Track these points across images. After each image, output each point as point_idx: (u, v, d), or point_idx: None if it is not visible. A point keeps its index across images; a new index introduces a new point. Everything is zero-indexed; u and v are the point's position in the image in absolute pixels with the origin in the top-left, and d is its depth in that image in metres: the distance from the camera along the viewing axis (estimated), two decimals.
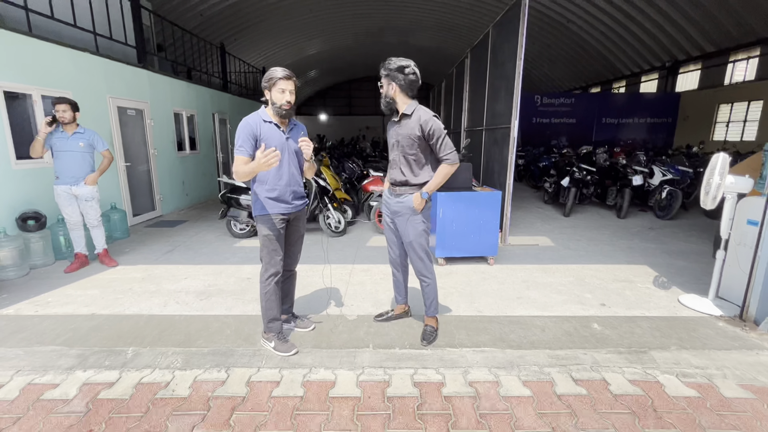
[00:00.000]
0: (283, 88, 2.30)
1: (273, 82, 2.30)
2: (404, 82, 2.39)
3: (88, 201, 4.11)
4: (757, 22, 9.88)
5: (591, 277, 3.90)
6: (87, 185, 4.06)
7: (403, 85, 2.40)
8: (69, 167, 3.95)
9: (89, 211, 4.14)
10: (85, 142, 4.02)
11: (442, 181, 2.49)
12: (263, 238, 2.45)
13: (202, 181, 8.69)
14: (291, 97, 2.34)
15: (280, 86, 2.30)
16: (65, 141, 3.90)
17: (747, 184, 3.03)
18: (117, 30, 6.56)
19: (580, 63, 16.64)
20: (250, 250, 4.87)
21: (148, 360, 2.45)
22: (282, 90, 2.30)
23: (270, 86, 2.31)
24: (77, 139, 3.97)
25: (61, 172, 3.95)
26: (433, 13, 15.05)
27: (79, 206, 4.09)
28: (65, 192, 3.99)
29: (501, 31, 5.25)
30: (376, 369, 2.37)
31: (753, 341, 2.67)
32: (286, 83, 2.31)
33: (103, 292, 3.57)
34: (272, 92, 2.32)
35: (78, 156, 3.98)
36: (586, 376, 2.29)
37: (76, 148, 3.97)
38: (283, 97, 2.31)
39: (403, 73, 2.37)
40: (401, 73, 2.37)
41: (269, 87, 2.32)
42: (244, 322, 2.96)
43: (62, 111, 3.83)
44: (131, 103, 6.29)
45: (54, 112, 3.83)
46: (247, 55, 15.91)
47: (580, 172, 6.93)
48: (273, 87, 2.31)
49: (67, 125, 3.90)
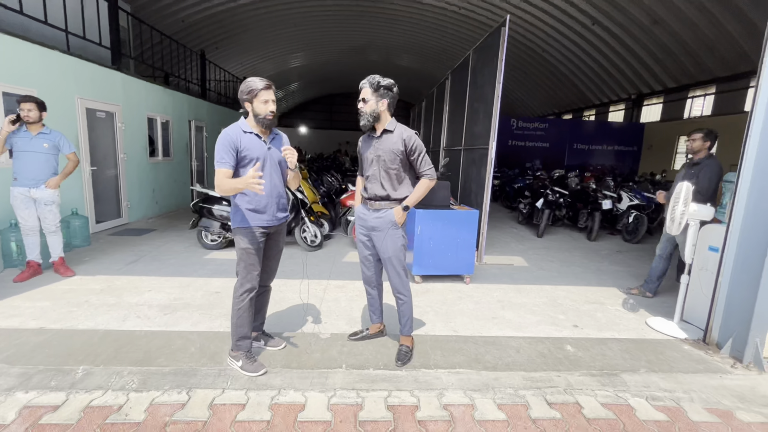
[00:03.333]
0: (266, 98, 2.27)
1: (255, 94, 2.25)
2: (392, 100, 2.47)
3: (48, 205, 3.86)
4: (713, 62, 10.71)
5: (564, 298, 3.97)
6: (48, 188, 3.83)
7: (390, 103, 2.47)
8: (30, 169, 3.73)
9: (48, 216, 3.89)
10: (50, 143, 3.82)
11: (423, 195, 2.55)
12: (241, 251, 2.35)
13: (174, 189, 8.38)
14: (273, 107, 2.31)
15: (263, 97, 2.26)
16: (28, 141, 3.69)
17: (709, 212, 3.19)
18: (93, 30, 6.34)
19: (553, 90, 17.44)
20: (221, 263, 4.68)
21: (100, 380, 2.25)
22: (265, 101, 2.27)
23: (252, 98, 2.27)
24: (42, 140, 3.76)
25: (21, 174, 3.71)
26: (416, 35, 15.48)
27: (37, 210, 3.84)
28: (23, 194, 3.74)
29: (481, 56, 5.42)
30: (348, 391, 2.27)
31: (716, 364, 2.75)
32: (268, 93, 2.28)
33: (56, 304, 3.31)
34: (254, 104, 2.27)
35: (41, 157, 3.77)
36: (560, 399, 2.28)
37: (40, 149, 3.76)
38: (266, 107, 2.28)
39: (392, 91, 2.46)
40: (390, 91, 2.45)
41: (251, 99, 2.27)
42: (210, 339, 2.80)
43: (27, 110, 3.63)
44: (102, 105, 6.04)
45: (18, 111, 3.61)
46: (229, 64, 15.76)
47: (554, 194, 7.15)
48: (255, 98, 2.26)
49: (31, 125, 3.70)
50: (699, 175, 3.40)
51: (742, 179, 2.80)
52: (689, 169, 3.55)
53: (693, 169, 3.49)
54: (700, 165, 3.46)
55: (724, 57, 10.31)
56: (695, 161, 3.54)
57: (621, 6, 10.09)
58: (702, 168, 3.43)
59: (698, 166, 3.47)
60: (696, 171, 3.44)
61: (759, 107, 2.70)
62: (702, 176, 3.39)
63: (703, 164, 3.45)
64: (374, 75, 2.46)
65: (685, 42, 10.51)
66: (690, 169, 3.55)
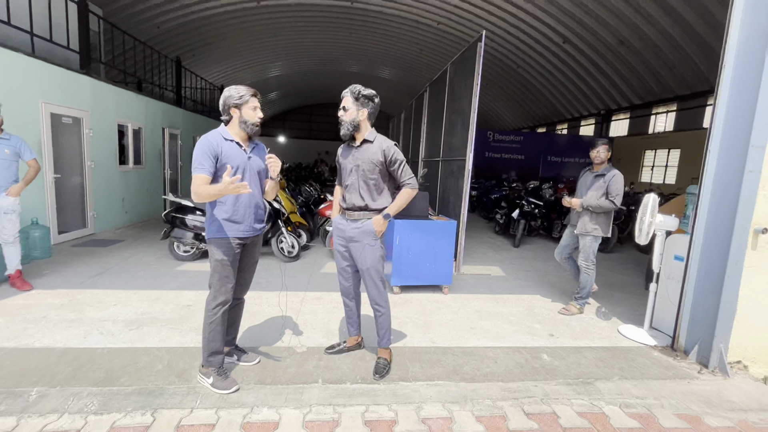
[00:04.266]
0: (255, 105, 2.28)
1: (245, 100, 2.24)
2: (373, 111, 2.47)
3: (8, 214, 3.67)
4: (674, 82, 11.38)
5: (540, 308, 4.03)
6: (9, 196, 3.64)
7: (371, 113, 2.47)
8: None
9: (6, 225, 3.68)
10: (11, 149, 3.64)
11: (405, 204, 2.54)
12: (216, 263, 2.27)
13: (145, 198, 8.08)
14: (261, 114, 2.31)
15: (252, 104, 2.26)
16: None
17: (674, 223, 3.33)
18: (61, 33, 6.10)
19: (528, 105, 18.05)
20: (194, 275, 4.51)
21: (56, 403, 2.10)
22: (254, 107, 2.27)
23: (242, 104, 2.24)
24: (2, 146, 3.59)
25: None
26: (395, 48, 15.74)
27: None
28: None
29: (458, 69, 5.54)
30: (324, 407, 2.20)
31: (684, 370, 2.84)
32: (256, 100, 2.28)
33: (10, 320, 3.09)
34: (243, 110, 2.25)
35: (2, 164, 3.59)
36: (538, 410, 2.29)
37: (1, 155, 3.58)
38: (255, 114, 2.28)
39: (373, 102, 2.46)
40: (372, 102, 2.45)
41: (241, 105, 2.24)
42: (179, 355, 2.67)
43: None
44: (68, 110, 5.79)
45: None
46: (206, 72, 15.51)
47: (529, 205, 7.32)
48: (245, 105, 2.25)
49: None
50: (609, 184, 3.60)
51: (704, 191, 2.94)
52: (596, 179, 3.73)
53: (600, 179, 3.68)
54: (607, 175, 3.65)
55: (683, 77, 10.97)
56: (600, 172, 3.72)
57: (589, 26, 10.61)
58: (611, 178, 3.62)
59: (605, 177, 3.66)
60: (605, 181, 3.63)
61: (716, 125, 2.86)
62: (612, 185, 3.59)
63: (610, 174, 3.65)
64: (356, 84, 2.46)
65: (649, 62, 11.14)
66: (597, 179, 3.72)
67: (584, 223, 3.70)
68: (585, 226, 3.69)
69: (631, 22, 9.77)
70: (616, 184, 3.59)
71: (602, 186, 3.64)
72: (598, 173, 3.74)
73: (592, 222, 3.68)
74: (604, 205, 3.59)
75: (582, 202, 3.69)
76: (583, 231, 3.70)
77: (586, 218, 3.70)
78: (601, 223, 3.68)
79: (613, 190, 3.58)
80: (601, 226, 3.68)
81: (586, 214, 3.70)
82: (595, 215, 3.67)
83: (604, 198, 3.60)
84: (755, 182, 2.64)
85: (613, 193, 3.58)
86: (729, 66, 2.78)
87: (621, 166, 14.34)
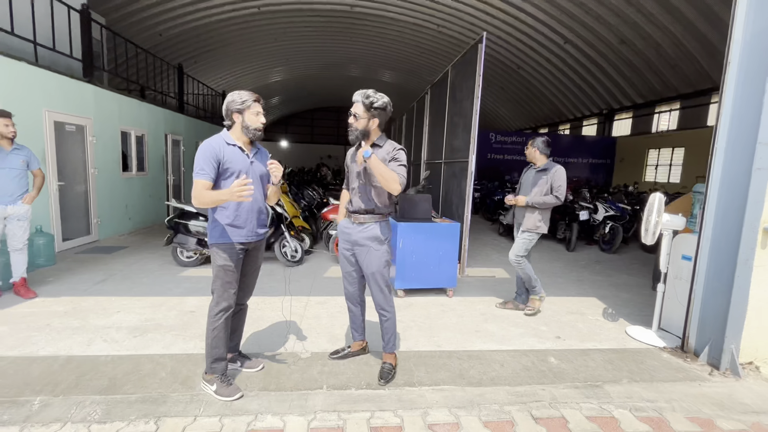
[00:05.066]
0: (257, 110, 2.27)
1: (248, 105, 2.23)
2: (384, 119, 2.45)
3: (21, 221, 3.73)
4: (677, 80, 11.31)
5: (546, 309, 3.98)
6: (24, 204, 3.72)
7: (382, 122, 2.45)
8: (5, 186, 3.61)
9: (17, 232, 3.73)
10: (25, 159, 3.73)
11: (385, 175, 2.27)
12: (219, 268, 2.26)
13: (148, 204, 8.10)
14: (264, 119, 2.30)
15: (255, 109, 2.26)
16: (3, 158, 3.58)
17: (680, 222, 3.29)
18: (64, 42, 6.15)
19: (530, 105, 18.00)
20: (197, 280, 4.50)
21: (58, 412, 2.08)
22: (257, 112, 2.26)
23: (245, 108, 2.24)
24: (17, 156, 3.67)
25: None
26: (396, 51, 15.77)
27: (6, 228, 3.68)
28: None
29: (459, 71, 5.53)
30: (329, 413, 2.17)
31: (695, 372, 2.79)
32: (259, 105, 2.28)
33: (14, 328, 3.09)
34: (246, 115, 2.24)
35: (17, 173, 3.67)
36: (546, 414, 2.25)
37: (17, 165, 3.66)
38: (258, 119, 2.27)
39: (385, 111, 2.43)
40: (384, 111, 2.42)
41: (243, 110, 2.23)
42: (182, 362, 2.66)
43: (11, 125, 3.57)
44: (71, 118, 5.82)
45: None
46: (208, 78, 15.60)
47: None
48: (248, 110, 2.24)
49: (3, 140, 3.58)
50: (553, 180, 3.60)
51: (711, 190, 2.90)
52: (538, 175, 3.71)
53: (543, 175, 3.67)
54: (550, 171, 3.65)
55: (686, 75, 10.91)
56: (542, 167, 3.71)
57: (590, 26, 10.58)
58: (553, 173, 3.62)
59: (548, 172, 3.66)
60: (548, 176, 3.63)
61: (722, 123, 2.82)
62: (555, 180, 3.60)
63: (552, 169, 3.65)
64: (367, 91, 2.36)
65: (651, 61, 11.09)
66: (539, 175, 3.70)
67: (533, 221, 3.66)
68: (533, 223, 3.66)
69: (632, 21, 9.73)
70: (558, 180, 3.59)
71: (546, 182, 3.63)
72: (540, 169, 3.72)
73: (538, 219, 3.65)
74: (549, 201, 3.59)
75: (527, 199, 3.66)
76: (532, 228, 3.67)
77: (535, 215, 3.66)
78: (546, 220, 3.69)
79: (556, 186, 3.58)
80: (545, 223, 3.68)
81: (532, 211, 3.67)
82: (540, 212, 3.65)
83: (550, 194, 3.60)
84: (764, 180, 2.60)
85: (556, 187, 3.57)
86: (734, 63, 2.74)
87: (625, 165, 14.34)
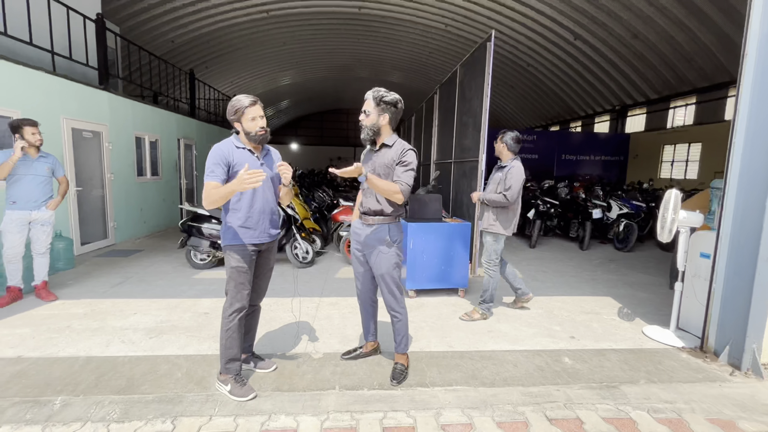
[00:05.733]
0: (253, 115, 2.25)
1: (242, 112, 2.23)
2: (394, 116, 2.44)
3: (44, 226, 3.85)
4: (692, 74, 11.05)
5: (559, 309, 3.93)
6: (48, 210, 3.84)
7: (392, 119, 2.44)
8: (31, 192, 3.71)
9: (41, 237, 3.85)
10: (50, 166, 3.85)
11: (383, 189, 2.29)
12: (232, 270, 2.29)
13: (162, 208, 8.25)
14: (263, 122, 2.29)
15: (249, 115, 2.24)
16: (29, 165, 3.70)
17: (698, 219, 3.21)
18: (80, 51, 6.31)
19: (540, 103, 17.79)
20: (211, 282, 4.57)
21: (79, 411, 2.14)
22: (252, 118, 2.25)
23: (239, 117, 2.24)
24: (43, 164, 3.79)
25: (21, 197, 3.67)
26: (404, 52, 15.77)
27: (30, 232, 3.80)
28: (22, 218, 3.69)
29: (468, 70, 5.50)
30: (342, 413, 2.18)
31: (715, 373, 2.72)
32: (254, 109, 2.25)
33: (36, 330, 3.18)
34: (243, 122, 2.25)
35: (42, 180, 3.79)
36: (561, 415, 2.22)
37: (42, 173, 3.78)
38: (255, 124, 2.25)
39: (396, 107, 2.42)
40: (394, 107, 2.41)
41: (238, 118, 2.25)
42: (197, 362, 2.70)
43: (33, 133, 3.66)
44: (88, 125, 5.97)
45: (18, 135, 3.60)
46: (219, 83, 15.83)
47: (544, 205, 7.19)
48: (242, 117, 2.24)
49: (30, 148, 3.69)
50: (506, 177, 3.46)
51: (729, 186, 2.83)
52: (497, 172, 3.61)
53: (501, 172, 3.55)
54: (506, 167, 3.51)
55: (702, 68, 10.65)
56: (502, 164, 3.59)
57: (601, 21, 10.42)
58: (508, 170, 3.47)
59: (504, 169, 3.53)
60: (504, 174, 3.49)
61: (740, 117, 2.75)
62: (508, 178, 3.44)
63: (508, 166, 3.50)
64: (379, 88, 2.41)
65: (664, 55, 10.85)
66: (498, 171, 3.60)
67: (487, 220, 3.57)
68: (487, 222, 3.57)
69: (644, 15, 9.55)
70: (511, 179, 3.41)
71: (502, 179, 3.50)
72: (500, 165, 3.61)
73: (492, 218, 3.54)
74: (496, 199, 3.44)
75: (480, 195, 3.57)
76: (487, 227, 3.58)
77: (489, 214, 3.56)
78: (502, 220, 3.51)
79: (507, 185, 3.42)
80: (501, 223, 3.51)
81: (486, 210, 3.58)
82: (495, 211, 3.52)
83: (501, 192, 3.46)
84: None
85: (506, 186, 3.42)
86: (751, 55, 2.67)
87: (640, 162, 14.07)
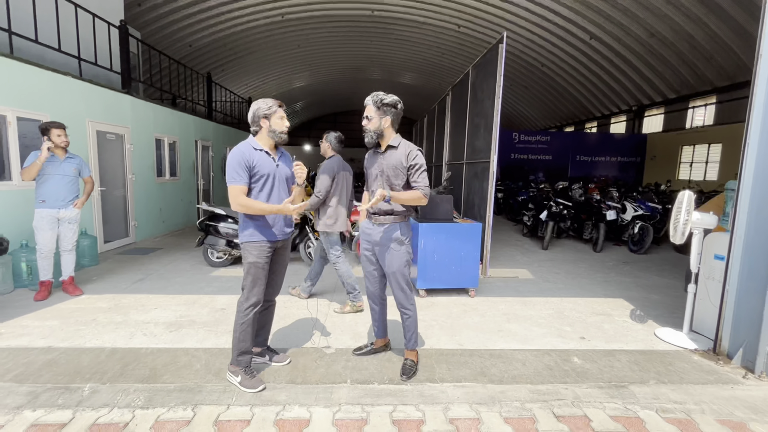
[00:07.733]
0: (282, 115, 2.44)
1: (273, 110, 2.40)
2: (395, 117, 2.51)
3: (71, 224, 4.03)
4: (712, 73, 10.80)
5: (570, 310, 3.93)
6: (75, 208, 4.02)
7: (394, 120, 2.52)
8: (59, 191, 3.89)
9: (68, 234, 4.03)
10: (77, 167, 4.03)
11: (408, 201, 2.44)
12: (249, 265, 2.41)
13: (180, 207, 8.50)
14: (287, 123, 2.47)
15: (280, 113, 2.43)
16: (58, 165, 3.88)
17: (712, 220, 3.18)
18: (104, 56, 6.58)
19: (554, 104, 17.61)
20: (227, 280, 4.71)
21: (106, 398, 2.27)
22: (281, 117, 2.43)
23: (271, 114, 2.40)
24: (70, 164, 3.97)
25: (50, 196, 3.85)
26: (417, 53, 15.83)
27: (59, 230, 3.97)
28: (51, 216, 3.87)
29: (480, 72, 5.53)
30: (353, 406, 2.26)
31: (728, 375, 2.70)
32: (282, 110, 2.45)
33: (64, 322, 3.35)
34: (272, 120, 2.41)
35: (69, 180, 3.97)
36: (568, 412, 2.25)
37: (69, 173, 3.96)
38: (283, 123, 2.44)
39: (396, 108, 2.50)
40: (394, 108, 2.49)
41: (270, 115, 2.40)
42: (215, 355, 2.81)
43: (59, 135, 3.84)
44: (111, 127, 6.21)
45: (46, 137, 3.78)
46: (234, 85, 16.17)
47: (557, 206, 7.14)
48: (273, 115, 2.40)
49: (58, 149, 3.88)
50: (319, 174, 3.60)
51: (743, 186, 2.80)
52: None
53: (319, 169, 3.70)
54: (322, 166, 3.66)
55: (722, 67, 10.40)
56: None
57: (617, 21, 10.28)
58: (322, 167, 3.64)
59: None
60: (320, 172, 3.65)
61: (755, 117, 2.73)
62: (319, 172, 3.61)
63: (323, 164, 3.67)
64: (378, 92, 2.50)
65: (683, 54, 10.64)
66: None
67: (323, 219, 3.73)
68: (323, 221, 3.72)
69: (662, 13, 9.39)
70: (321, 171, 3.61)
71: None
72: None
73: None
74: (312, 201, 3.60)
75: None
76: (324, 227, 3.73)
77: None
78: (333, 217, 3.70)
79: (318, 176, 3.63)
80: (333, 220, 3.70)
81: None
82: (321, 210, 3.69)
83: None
84: None
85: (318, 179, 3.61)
86: (765, 55, 2.65)
87: (657, 163, 13.79)
